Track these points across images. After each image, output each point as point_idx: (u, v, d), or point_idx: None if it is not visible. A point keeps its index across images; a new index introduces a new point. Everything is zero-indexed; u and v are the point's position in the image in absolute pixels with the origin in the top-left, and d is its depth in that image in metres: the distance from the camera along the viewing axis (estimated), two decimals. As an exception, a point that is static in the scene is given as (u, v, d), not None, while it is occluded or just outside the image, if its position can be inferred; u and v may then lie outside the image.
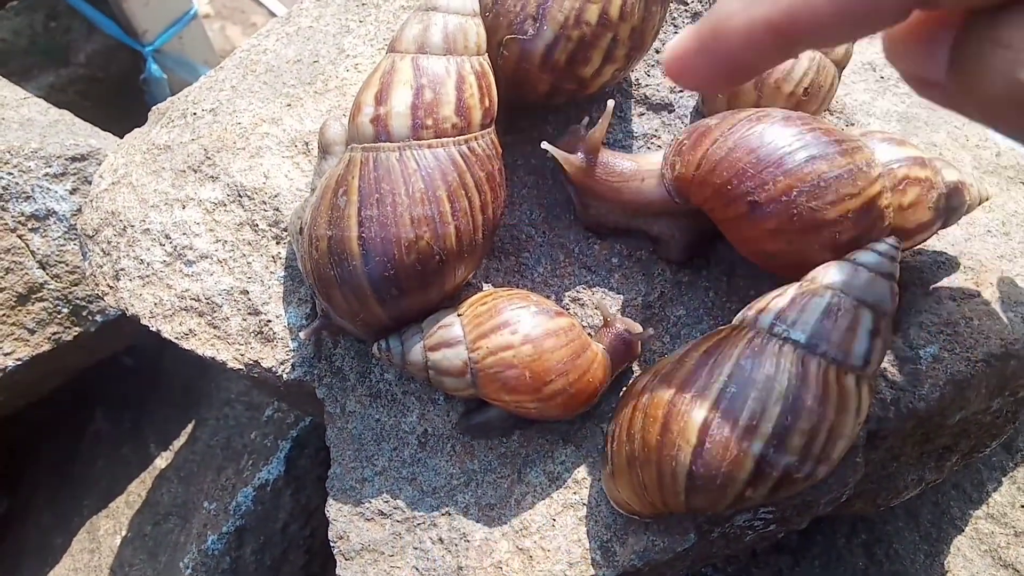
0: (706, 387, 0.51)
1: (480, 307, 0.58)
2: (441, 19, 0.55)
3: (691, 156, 0.56)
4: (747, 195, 0.53)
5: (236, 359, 0.65)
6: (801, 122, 0.55)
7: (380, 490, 0.64)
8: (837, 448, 0.51)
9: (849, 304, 0.52)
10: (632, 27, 0.57)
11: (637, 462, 0.54)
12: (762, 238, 0.55)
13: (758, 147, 0.53)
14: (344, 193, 0.55)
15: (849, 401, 0.51)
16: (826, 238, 0.53)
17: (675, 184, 0.58)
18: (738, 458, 0.50)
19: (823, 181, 0.52)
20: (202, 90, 0.75)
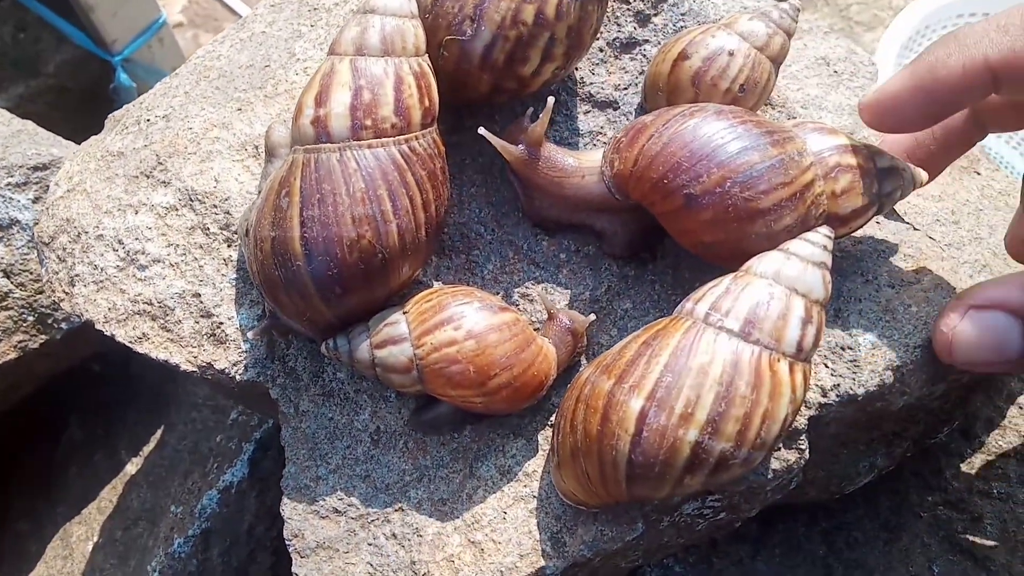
0: (643, 376, 0.52)
1: (425, 304, 0.59)
2: (379, 21, 0.56)
3: (628, 153, 0.57)
4: (683, 188, 0.55)
5: (189, 362, 0.66)
6: (733, 115, 0.56)
7: (334, 488, 0.64)
8: (772, 433, 0.52)
9: (781, 293, 0.53)
10: (569, 26, 0.58)
11: (580, 453, 0.55)
12: (700, 229, 0.56)
13: (691, 141, 0.55)
14: (287, 194, 0.55)
15: (782, 387, 0.52)
16: (761, 227, 0.55)
17: (614, 181, 0.59)
18: (674, 445, 0.51)
19: (755, 171, 0.54)
20: (156, 96, 0.75)
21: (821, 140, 0.58)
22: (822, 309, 0.54)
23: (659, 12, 0.68)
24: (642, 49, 0.68)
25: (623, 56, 0.68)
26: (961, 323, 0.56)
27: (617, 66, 0.68)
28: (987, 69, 0.51)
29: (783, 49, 0.62)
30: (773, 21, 0.61)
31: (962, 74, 0.52)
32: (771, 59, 0.61)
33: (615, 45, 0.68)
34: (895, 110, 0.56)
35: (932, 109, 0.55)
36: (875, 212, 0.59)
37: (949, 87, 0.53)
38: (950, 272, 0.64)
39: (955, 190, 0.76)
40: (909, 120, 0.57)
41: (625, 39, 0.68)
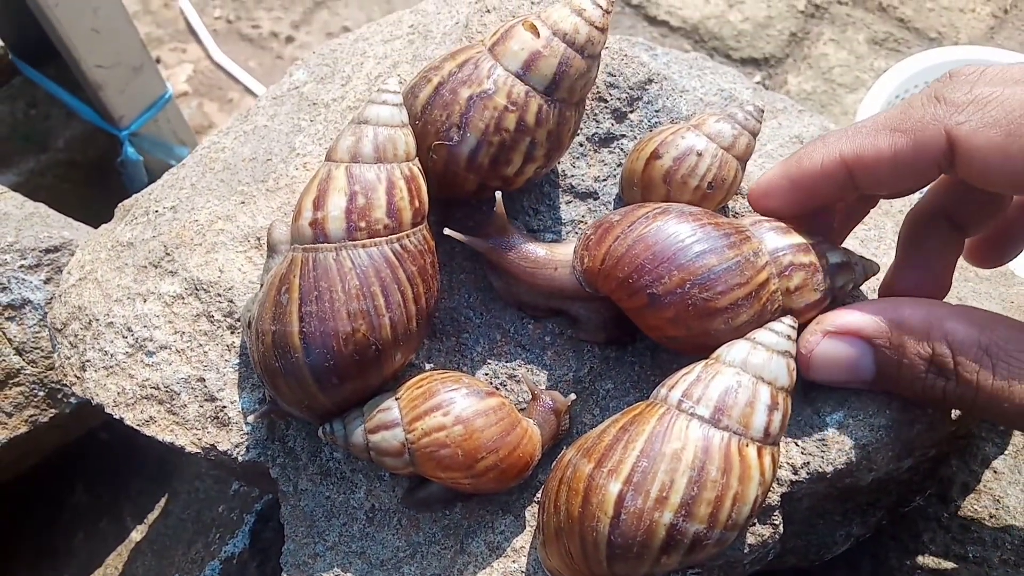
0: (621, 461, 0.56)
1: (416, 390, 0.62)
2: (372, 131, 0.60)
3: (596, 251, 0.62)
4: (646, 288, 0.59)
5: (194, 443, 0.69)
6: (693, 218, 0.61)
7: (332, 564, 0.67)
8: (742, 514, 0.55)
9: (748, 381, 0.57)
10: (549, 131, 0.63)
11: (563, 533, 0.58)
12: (663, 325, 0.60)
13: (654, 243, 0.59)
14: (286, 291, 0.60)
15: (751, 471, 0.55)
16: (720, 323, 0.59)
17: (584, 276, 0.63)
18: (651, 528, 0.54)
19: (712, 274, 0.58)
20: (164, 188, 0.80)
21: (776, 239, 0.62)
22: (788, 395, 0.58)
23: (635, 109, 0.73)
24: (619, 143, 0.72)
25: (602, 150, 0.73)
26: (818, 347, 0.61)
27: (596, 159, 0.73)
28: (842, 164, 0.60)
29: (748, 148, 0.66)
30: (738, 123, 0.66)
31: (821, 167, 0.61)
32: (737, 158, 0.66)
33: (594, 140, 0.73)
34: (770, 196, 0.65)
35: (798, 196, 0.63)
36: (829, 304, 0.64)
37: (811, 177, 0.62)
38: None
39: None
40: (783, 205, 0.64)
41: (603, 134, 0.72)
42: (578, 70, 0.61)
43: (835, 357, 0.61)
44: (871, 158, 0.59)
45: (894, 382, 0.60)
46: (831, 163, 0.60)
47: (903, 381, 0.59)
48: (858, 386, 0.63)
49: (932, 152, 0.57)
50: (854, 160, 0.59)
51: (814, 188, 0.62)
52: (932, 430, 0.65)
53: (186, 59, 1.89)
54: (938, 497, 0.89)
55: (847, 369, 0.61)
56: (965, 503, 0.87)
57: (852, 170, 0.60)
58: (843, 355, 0.61)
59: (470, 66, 0.62)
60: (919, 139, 0.57)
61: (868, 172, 0.59)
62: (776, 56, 1.81)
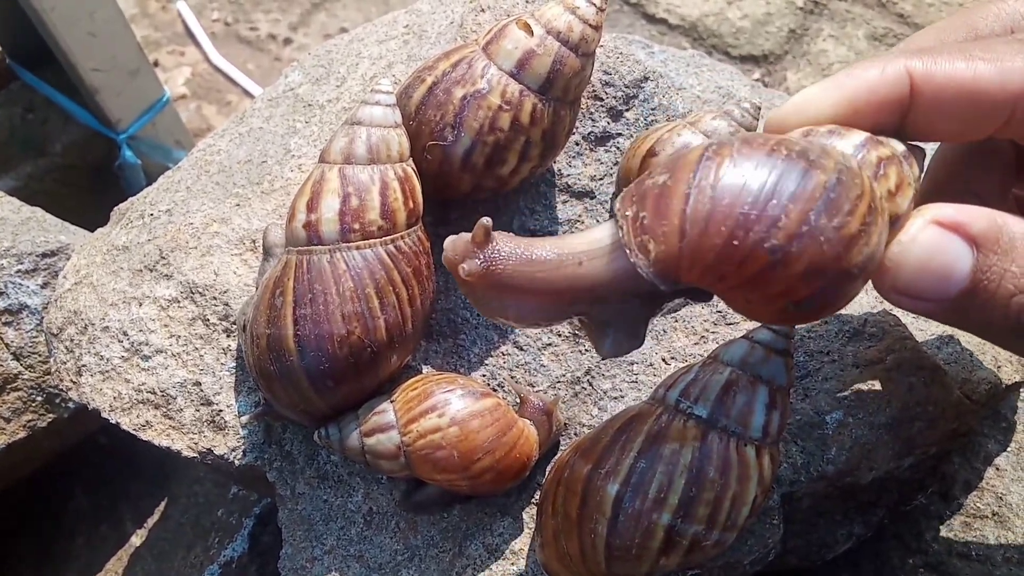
0: (619, 463, 0.55)
1: (411, 392, 0.62)
2: (364, 132, 0.60)
3: (665, 227, 0.45)
4: (763, 241, 0.43)
5: (190, 448, 0.69)
6: (761, 144, 0.46)
7: (329, 568, 0.67)
8: (741, 515, 0.55)
9: (746, 381, 0.56)
10: (543, 130, 0.62)
11: (561, 535, 0.58)
12: (794, 286, 0.45)
13: (743, 185, 0.44)
14: (281, 294, 0.59)
15: (750, 471, 0.55)
16: (856, 255, 0.44)
17: (657, 267, 0.46)
18: (649, 529, 0.54)
19: (830, 191, 0.44)
20: (159, 191, 0.80)
21: (846, 141, 0.50)
22: (785, 395, 0.57)
23: (630, 107, 0.72)
24: (615, 142, 0.72)
25: (598, 148, 0.72)
26: (921, 234, 0.48)
27: (593, 158, 0.72)
28: (907, 80, 0.50)
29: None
30: (735, 120, 0.66)
31: (881, 77, 0.51)
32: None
33: (590, 139, 0.72)
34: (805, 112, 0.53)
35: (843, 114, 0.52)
36: None
37: (867, 90, 0.51)
38: (912, 351, 0.67)
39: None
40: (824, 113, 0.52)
41: (599, 133, 0.72)
42: (572, 68, 0.61)
43: (936, 252, 0.48)
44: (944, 79, 0.49)
45: (986, 297, 0.48)
46: (894, 76, 0.50)
47: (998, 297, 0.48)
48: (932, 307, 0.49)
49: (1018, 88, 0.48)
50: (923, 77, 0.49)
51: (866, 107, 0.51)
52: (932, 428, 0.65)
53: (184, 62, 1.89)
54: (940, 495, 0.88)
55: (941, 272, 0.48)
56: (968, 501, 0.86)
57: (918, 90, 0.49)
58: (945, 252, 0.48)
59: (464, 65, 0.62)
60: (1006, 69, 0.48)
61: (935, 96, 0.49)
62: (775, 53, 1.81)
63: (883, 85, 0.50)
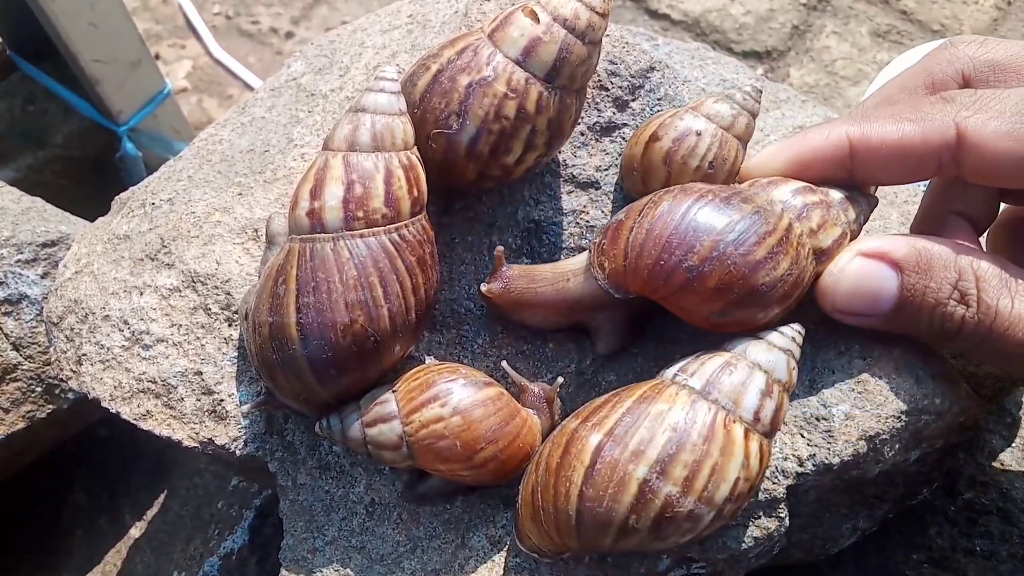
0: (606, 417, 0.56)
1: (413, 382, 0.61)
2: (369, 119, 0.59)
3: (615, 250, 0.60)
4: (681, 263, 0.57)
5: (191, 438, 0.68)
6: (695, 191, 0.60)
7: (331, 559, 0.67)
8: (719, 491, 0.54)
9: (745, 365, 0.57)
10: (549, 118, 0.62)
11: (539, 487, 0.58)
12: (708, 299, 0.57)
13: (671, 221, 0.58)
14: (283, 282, 0.59)
15: (734, 447, 0.55)
16: (763, 277, 0.57)
17: (610, 280, 0.61)
18: (623, 479, 0.54)
19: (740, 227, 0.57)
20: (161, 180, 0.79)
21: (777, 190, 0.62)
22: (784, 390, 0.57)
23: (636, 98, 0.72)
24: (621, 132, 0.72)
25: (603, 139, 0.72)
26: (848, 265, 0.60)
27: (598, 148, 0.72)
28: (846, 143, 0.61)
29: (748, 128, 0.65)
30: (737, 103, 0.65)
31: (824, 142, 0.62)
32: (737, 137, 0.65)
33: (595, 129, 0.72)
34: (766, 168, 0.65)
35: (795, 171, 0.64)
36: (850, 240, 0.63)
37: (812, 152, 0.63)
38: (920, 342, 0.66)
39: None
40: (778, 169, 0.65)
41: (605, 123, 0.72)
42: (579, 56, 0.60)
43: (864, 278, 0.60)
44: (877, 141, 0.60)
45: (913, 310, 0.59)
46: (836, 140, 0.61)
47: (923, 309, 0.59)
48: (871, 321, 0.61)
49: (938, 142, 0.58)
50: (859, 140, 0.60)
51: (813, 164, 0.63)
52: (940, 420, 0.64)
53: (185, 55, 1.88)
54: (945, 490, 0.88)
55: (871, 294, 0.60)
56: (973, 496, 0.86)
57: (856, 151, 0.61)
58: (872, 278, 0.59)
59: (469, 53, 0.61)
60: (927, 128, 0.58)
61: (871, 155, 0.60)
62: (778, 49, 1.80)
63: (826, 148, 0.62)
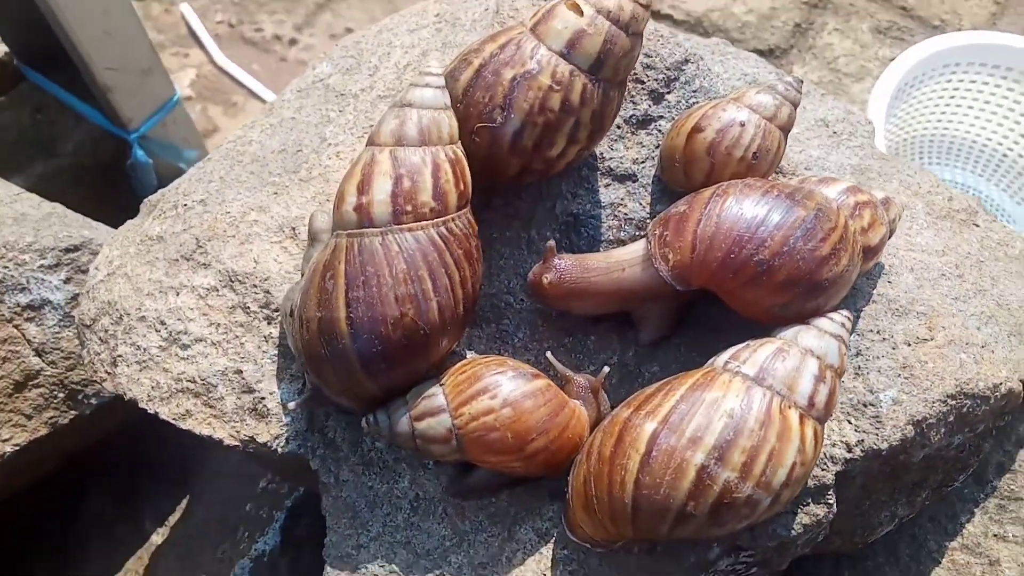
0: (659, 405, 0.56)
1: (460, 376, 0.61)
2: (416, 114, 0.59)
3: (681, 242, 0.60)
4: (752, 256, 0.58)
5: (232, 436, 0.68)
6: (758, 187, 0.61)
7: (376, 556, 0.66)
8: (777, 476, 0.54)
9: (797, 351, 0.57)
10: (593, 111, 0.62)
11: (592, 476, 0.58)
12: (775, 292, 0.59)
13: (740, 216, 0.59)
14: (331, 277, 0.58)
15: (791, 432, 0.55)
16: (827, 272, 0.58)
17: (674, 272, 0.61)
18: (681, 466, 0.54)
19: (808, 223, 0.58)
20: (191, 182, 0.79)
21: (831, 189, 0.64)
22: (836, 376, 0.57)
23: (672, 90, 0.72)
24: (657, 125, 0.72)
25: (640, 132, 0.72)
26: None
27: (634, 141, 0.72)
28: None
29: (790, 118, 0.66)
30: (779, 93, 0.66)
31: None
32: (780, 127, 0.65)
33: (632, 122, 0.72)
34: None
35: None
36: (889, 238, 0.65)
37: None
38: (960, 328, 0.67)
39: (957, 243, 0.79)
40: None
41: (641, 116, 0.72)
42: (623, 48, 0.61)
43: None
44: None
45: None
46: None
47: None
48: None
49: None
50: None
51: None
52: (984, 404, 0.65)
53: (188, 64, 1.88)
54: (974, 478, 0.88)
55: None
56: (1001, 483, 0.86)
57: None
58: None
59: (512, 47, 0.61)
60: None
61: None
62: (781, 47, 1.81)
63: None
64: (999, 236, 0.83)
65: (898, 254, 0.73)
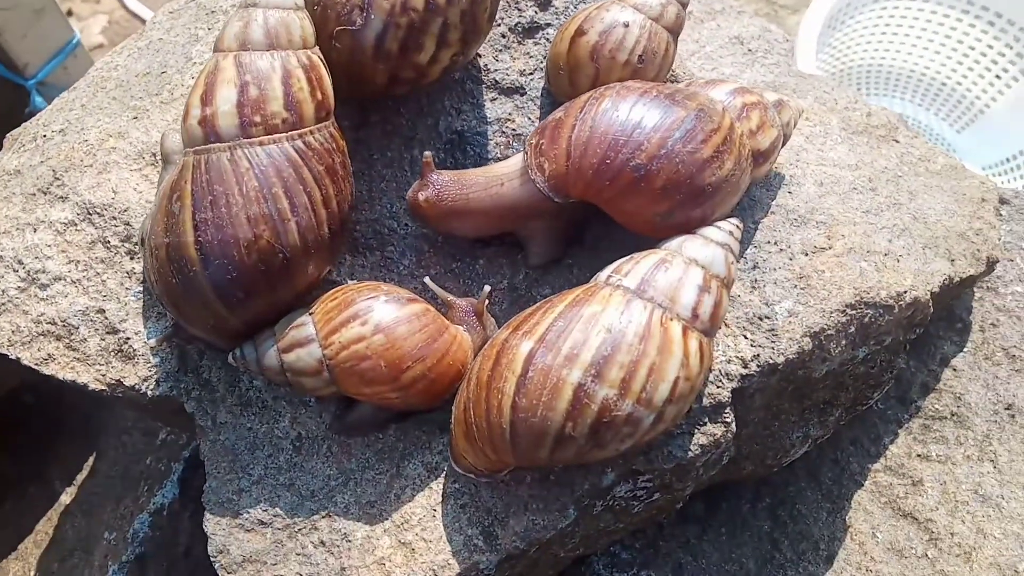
0: (537, 323, 0.53)
1: (331, 302, 0.57)
2: (261, 15, 0.54)
3: (556, 150, 0.56)
4: (628, 161, 0.54)
5: (98, 380, 0.63)
6: (637, 89, 0.57)
7: (258, 499, 0.62)
8: (658, 392, 0.51)
9: (680, 261, 0.53)
10: (462, 11, 0.57)
11: (471, 403, 0.55)
12: (655, 199, 0.55)
13: (616, 118, 0.55)
14: (178, 198, 0.54)
15: (673, 346, 0.51)
16: (709, 176, 0.55)
17: (550, 183, 0.57)
18: (557, 385, 0.50)
19: (687, 124, 0.54)
20: (53, 112, 0.73)
21: (717, 90, 0.59)
22: (723, 286, 0.54)
23: (559, -6, 0.67)
24: (545, 33, 0.67)
25: (526, 41, 0.67)
26: None
27: (521, 51, 0.67)
28: None
29: (679, 19, 0.62)
30: (666, -12, 0.61)
31: None
32: (667, 29, 0.61)
33: (517, 30, 0.67)
34: None
35: None
36: (783, 143, 0.61)
37: None
38: (863, 236, 0.64)
39: (872, 158, 0.76)
40: None
41: (527, 24, 0.67)
42: (489, -62, 0.56)
43: None
44: None
45: None
46: None
47: None
48: None
49: None
50: None
51: None
52: (887, 313, 0.62)
53: (100, 10, 1.78)
54: (897, 399, 0.87)
55: None
56: (925, 403, 0.84)
57: None
58: None
59: (370, -59, 0.56)
60: None
61: None
62: None
63: None
64: (920, 152, 0.80)
65: (806, 168, 0.70)
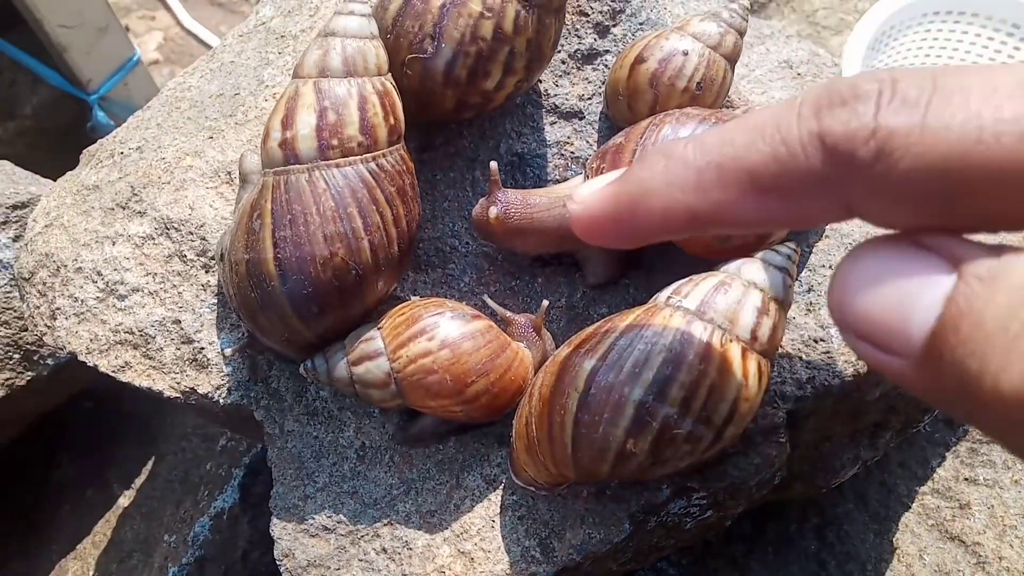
0: (599, 343, 0.54)
1: (398, 318, 0.59)
2: (339, 44, 0.57)
3: None
4: None
5: (172, 387, 0.66)
6: (697, 115, 0.58)
7: (323, 506, 0.65)
8: (718, 411, 0.52)
9: (739, 284, 0.55)
10: (528, 39, 0.59)
11: (533, 417, 0.56)
12: None
13: None
14: (258, 216, 0.56)
15: (732, 366, 0.52)
16: None
17: None
18: (619, 403, 0.52)
19: None
20: (129, 130, 0.76)
21: None
22: (780, 308, 0.55)
23: (618, 23, 0.69)
24: (603, 59, 0.69)
25: (585, 67, 0.69)
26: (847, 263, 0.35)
27: (580, 77, 0.69)
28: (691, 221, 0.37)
29: (736, 47, 0.63)
30: (724, 21, 0.63)
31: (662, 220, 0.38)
32: (725, 57, 0.63)
33: (577, 57, 0.69)
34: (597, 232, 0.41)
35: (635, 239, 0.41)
36: None
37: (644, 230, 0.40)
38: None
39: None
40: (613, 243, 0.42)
41: (586, 50, 0.69)
42: (557, -29, 0.58)
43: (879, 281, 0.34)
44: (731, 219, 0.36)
45: None
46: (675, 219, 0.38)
47: None
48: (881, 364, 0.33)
49: None
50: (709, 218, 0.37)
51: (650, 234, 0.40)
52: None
53: (155, 27, 1.84)
54: (945, 422, 0.87)
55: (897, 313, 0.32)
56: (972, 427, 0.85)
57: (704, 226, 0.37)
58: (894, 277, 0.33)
59: (442, -27, 0.58)
60: None
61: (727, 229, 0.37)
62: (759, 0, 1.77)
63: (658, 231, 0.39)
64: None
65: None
